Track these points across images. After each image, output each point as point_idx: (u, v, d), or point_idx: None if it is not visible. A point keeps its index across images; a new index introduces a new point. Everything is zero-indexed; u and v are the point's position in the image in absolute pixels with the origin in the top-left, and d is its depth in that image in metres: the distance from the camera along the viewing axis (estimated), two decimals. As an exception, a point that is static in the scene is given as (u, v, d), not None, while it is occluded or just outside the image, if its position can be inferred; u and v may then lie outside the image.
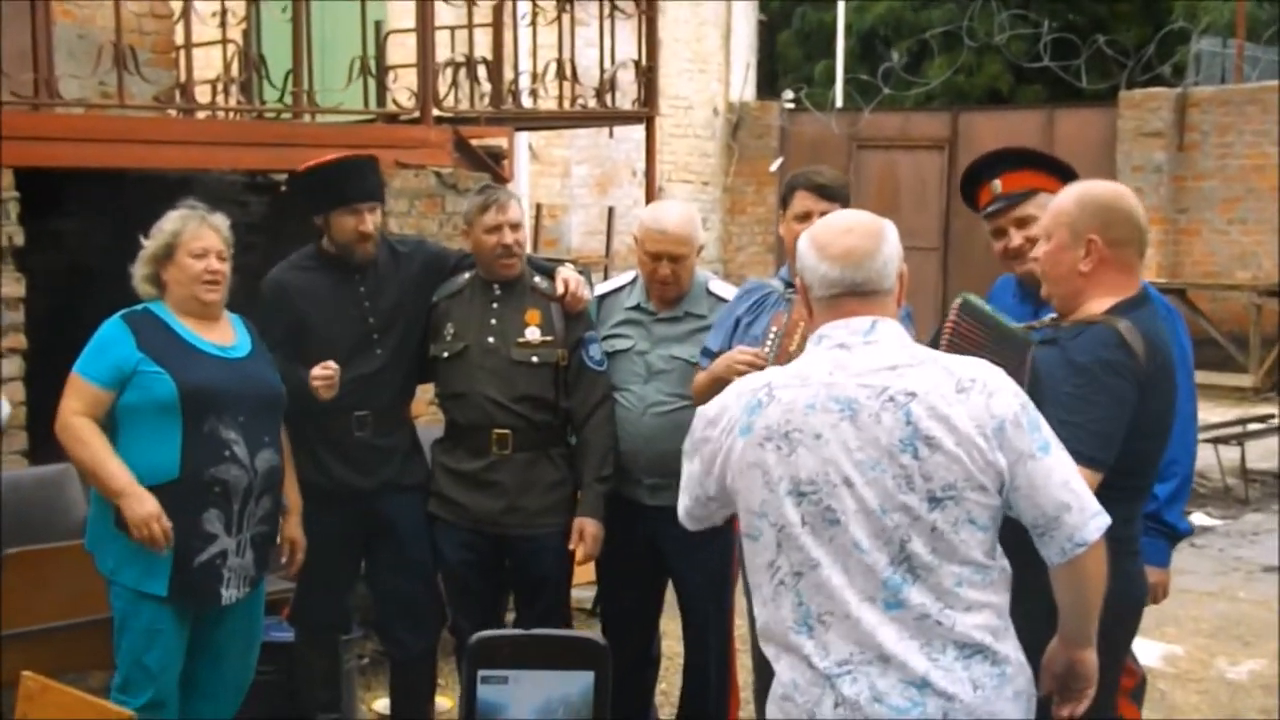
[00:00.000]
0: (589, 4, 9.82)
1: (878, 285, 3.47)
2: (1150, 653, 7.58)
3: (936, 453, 3.28)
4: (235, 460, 5.03)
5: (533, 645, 0.91)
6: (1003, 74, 25.15)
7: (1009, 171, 4.98)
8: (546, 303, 5.65)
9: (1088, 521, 3.37)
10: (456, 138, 8.13)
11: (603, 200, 18.18)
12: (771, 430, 3.39)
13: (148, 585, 5.01)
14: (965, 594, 3.32)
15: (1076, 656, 3.62)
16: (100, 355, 5.01)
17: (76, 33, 8.89)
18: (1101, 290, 4.06)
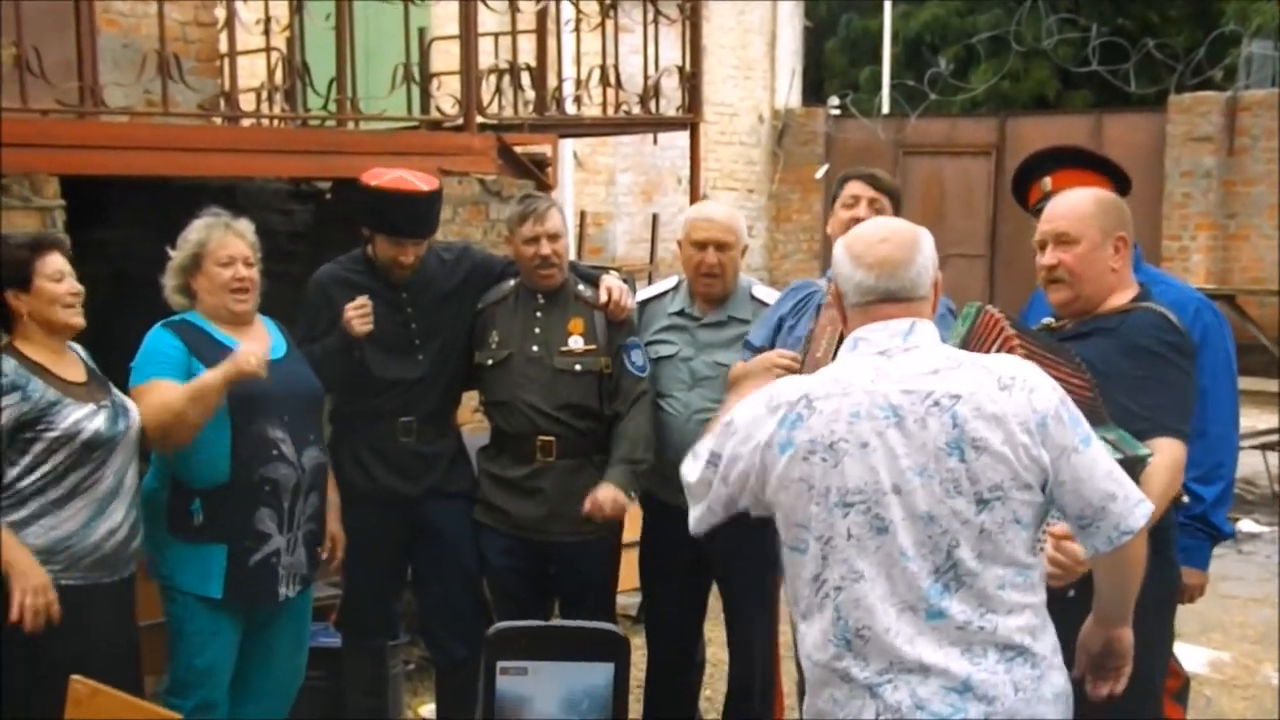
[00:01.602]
0: (633, 10, 9.82)
1: (912, 293, 3.49)
2: (1196, 658, 7.59)
3: (983, 454, 3.30)
4: (284, 459, 5.10)
5: (551, 636, 0.91)
6: (1050, 79, 25.05)
7: (1061, 170, 5.06)
8: (590, 311, 5.68)
9: (1133, 509, 3.41)
10: (500, 145, 8.14)
11: (647, 208, 18.19)
12: (815, 443, 3.38)
13: (204, 588, 5.08)
14: (1008, 596, 3.34)
15: (1114, 634, 3.68)
16: (158, 357, 5.06)
17: (121, 41, 8.93)
18: (1123, 284, 4.27)
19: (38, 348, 4.75)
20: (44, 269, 4.74)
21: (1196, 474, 4.91)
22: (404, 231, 5.61)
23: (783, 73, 20.61)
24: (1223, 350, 5.08)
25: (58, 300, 4.75)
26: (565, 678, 0.92)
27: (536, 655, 0.93)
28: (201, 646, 5.12)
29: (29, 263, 4.74)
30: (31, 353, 4.73)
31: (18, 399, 4.63)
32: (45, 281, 4.74)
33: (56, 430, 4.66)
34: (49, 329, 4.77)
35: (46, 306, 4.75)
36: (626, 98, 9.62)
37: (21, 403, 4.63)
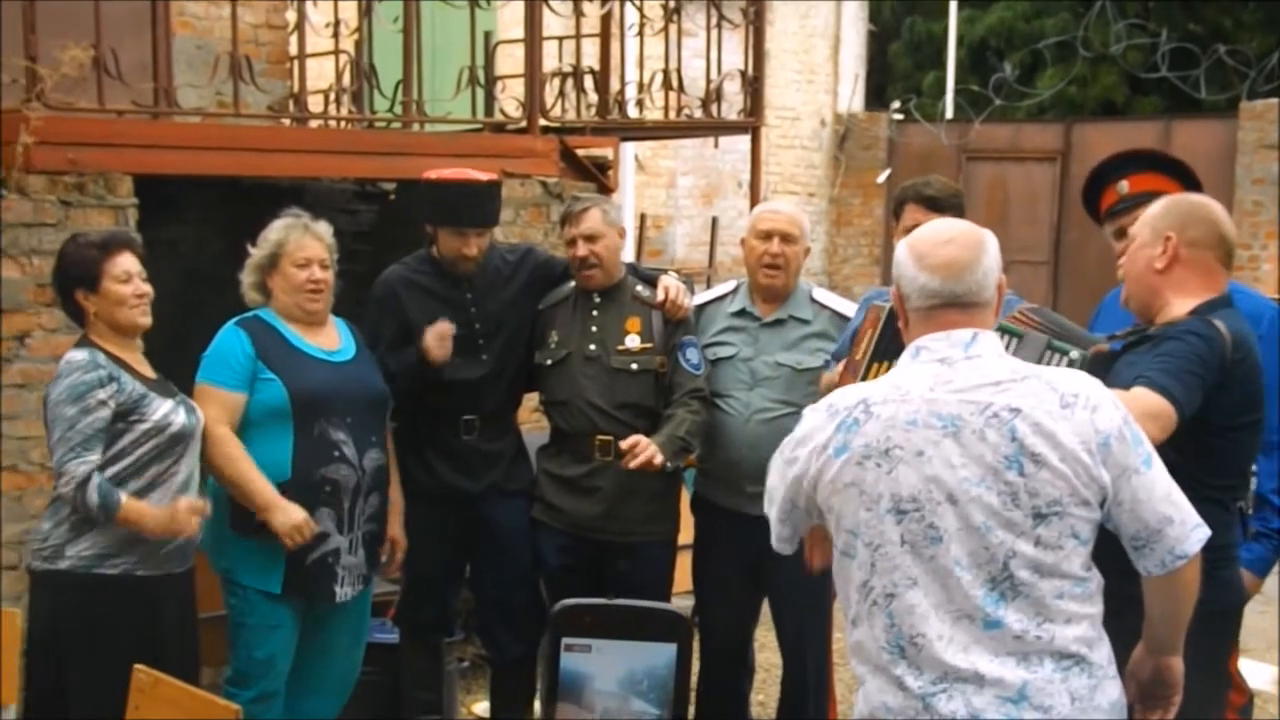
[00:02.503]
0: (696, 14, 9.85)
1: (977, 297, 3.46)
2: (1261, 675, 7.52)
3: (1042, 469, 3.28)
4: (345, 460, 5.19)
5: (616, 615, 0.96)
6: (1118, 85, 24.83)
7: (1137, 173, 4.99)
8: (647, 310, 5.73)
9: (1189, 534, 3.39)
10: (562, 147, 8.17)
11: (708, 211, 18.19)
12: (870, 448, 3.38)
13: (264, 583, 5.18)
14: (1065, 606, 3.33)
15: (1164, 664, 3.64)
16: (224, 361, 5.18)
17: (195, 44, 9.02)
18: (1181, 292, 4.13)
19: (110, 344, 4.86)
20: (112, 269, 4.84)
21: (1276, 484, 4.95)
22: (466, 221, 5.70)
23: (846, 77, 20.56)
24: None
25: (124, 301, 4.85)
26: (627, 656, 0.97)
27: (601, 634, 0.99)
28: (261, 639, 5.23)
29: (98, 263, 4.84)
30: (109, 347, 4.85)
31: (115, 389, 4.73)
32: (112, 283, 4.83)
33: (148, 422, 4.78)
34: (115, 328, 4.87)
35: (113, 307, 4.84)
36: (688, 101, 9.63)
37: (119, 393, 4.74)
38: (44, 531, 4.87)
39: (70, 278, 4.88)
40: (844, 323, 5.64)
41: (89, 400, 4.71)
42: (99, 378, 4.73)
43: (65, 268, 4.90)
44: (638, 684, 1.04)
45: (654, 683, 1.04)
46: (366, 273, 6.20)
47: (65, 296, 4.93)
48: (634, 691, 1.04)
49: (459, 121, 8.66)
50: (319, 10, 8.99)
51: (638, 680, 1.05)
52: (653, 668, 1.04)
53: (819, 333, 5.73)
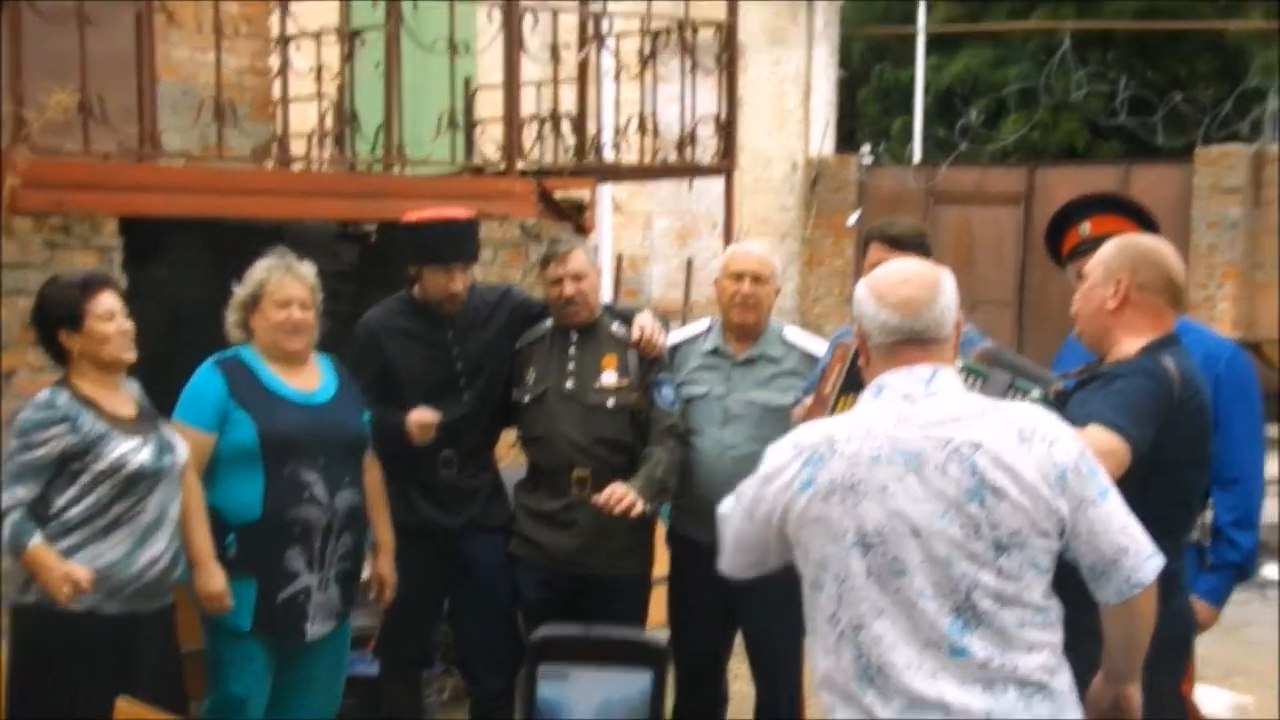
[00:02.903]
0: (671, 60, 9.89)
1: (936, 333, 3.48)
2: (1220, 702, 7.57)
3: (1003, 501, 3.29)
4: (314, 501, 5.14)
5: (592, 643, 0.96)
6: (1079, 130, 25.01)
7: (1098, 215, 5.04)
8: (624, 348, 5.72)
9: (1144, 563, 3.40)
10: (540, 190, 8.19)
11: (683, 252, 18.23)
12: (835, 483, 3.38)
13: (234, 620, 5.13)
14: (1027, 635, 3.33)
15: (1122, 692, 3.67)
16: (198, 401, 5.15)
17: (180, 88, 9.02)
18: (1131, 332, 4.15)
19: (90, 383, 4.82)
20: (95, 308, 4.80)
21: (1233, 518, 4.99)
22: (449, 257, 5.69)
23: (817, 122, 20.63)
24: (1255, 401, 5.10)
25: (108, 339, 4.80)
26: (603, 684, 0.96)
27: (577, 660, 0.98)
28: (236, 674, 5.20)
29: (80, 302, 4.79)
30: (85, 387, 4.80)
31: (66, 429, 4.69)
32: (96, 321, 4.79)
33: (103, 463, 4.71)
34: (100, 366, 4.83)
35: (98, 345, 4.80)
36: (663, 145, 9.68)
37: (70, 434, 4.69)
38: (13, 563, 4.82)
39: (52, 318, 4.84)
40: (813, 362, 5.62)
41: (33, 437, 4.69)
42: (49, 417, 4.70)
43: (46, 308, 4.86)
44: (613, 711, 1.04)
45: (629, 709, 1.04)
46: (349, 312, 6.19)
47: (47, 337, 4.87)
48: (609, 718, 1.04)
49: (439, 164, 8.67)
50: (302, 55, 9.01)
51: (613, 707, 1.04)
52: (628, 695, 1.03)
53: (790, 371, 5.71)
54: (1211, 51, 25.25)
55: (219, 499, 5.14)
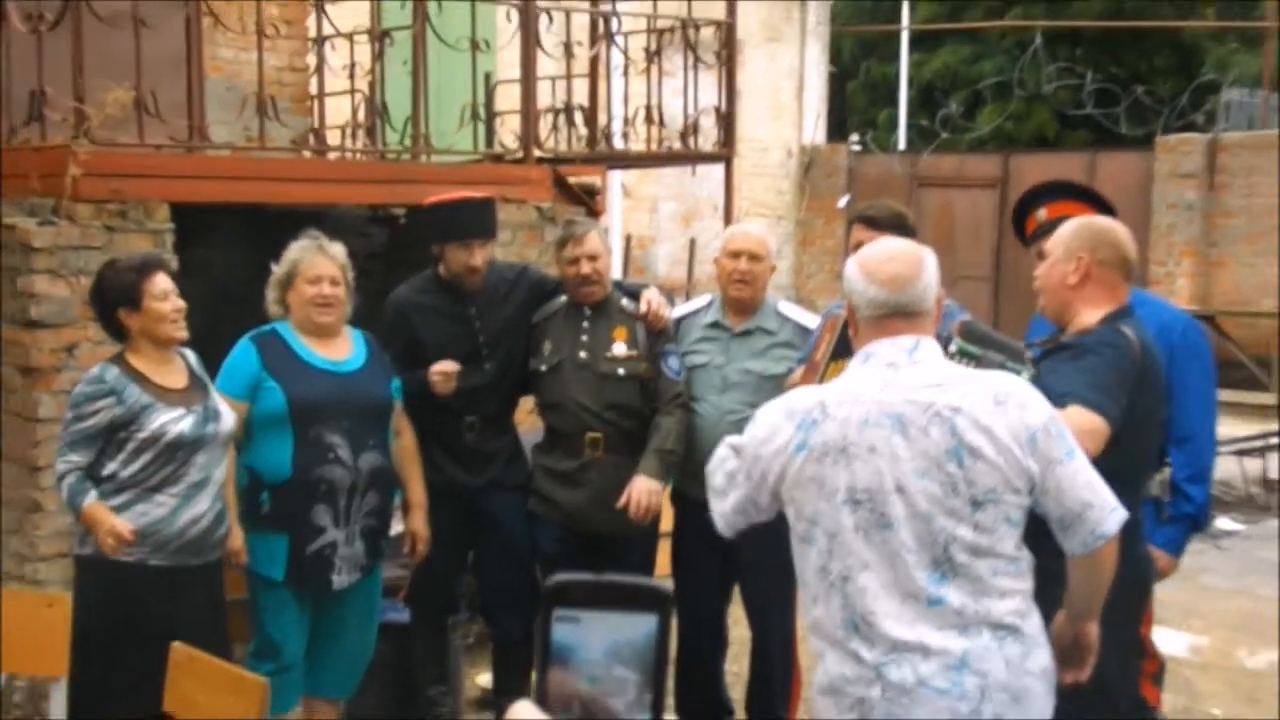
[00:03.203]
0: (675, 56, 9.85)
1: (919, 307, 3.49)
2: (1177, 643, 7.57)
3: (979, 461, 3.31)
4: (339, 462, 5.15)
5: (603, 589, 0.96)
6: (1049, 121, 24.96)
7: (1053, 201, 5.05)
8: (632, 321, 5.72)
9: (1108, 517, 3.43)
10: (555, 176, 8.17)
11: (687, 232, 18.22)
12: (829, 445, 3.40)
13: (269, 570, 5.17)
14: (1000, 583, 3.36)
15: (1083, 630, 3.69)
16: (233, 372, 5.17)
17: (225, 85, 9.01)
18: (1090, 305, 4.17)
19: (144, 358, 4.84)
20: (151, 289, 4.82)
21: (1186, 474, 5.01)
22: (471, 233, 5.70)
23: (809, 113, 20.59)
24: (1206, 365, 5.12)
25: (164, 317, 4.83)
26: (612, 628, 0.96)
27: (588, 605, 0.98)
28: (272, 621, 5.23)
29: (137, 284, 4.81)
30: (137, 362, 4.83)
31: (113, 402, 4.73)
32: (152, 301, 4.82)
33: (145, 432, 4.74)
34: (156, 342, 4.85)
35: (154, 323, 4.83)
36: (668, 134, 9.64)
37: (117, 406, 4.73)
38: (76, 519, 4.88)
39: (111, 299, 4.85)
40: (806, 334, 5.62)
41: (84, 409, 4.74)
42: (99, 390, 4.75)
43: (105, 290, 4.88)
44: (621, 653, 1.03)
45: (635, 651, 1.03)
46: (379, 289, 6.19)
47: (107, 316, 4.90)
48: (618, 659, 1.03)
49: (462, 153, 8.66)
50: (337, 54, 8.99)
51: (621, 649, 1.04)
52: (634, 638, 1.03)
53: (784, 342, 5.71)
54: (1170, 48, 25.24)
55: (255, 460, 5.18)
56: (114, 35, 6.56)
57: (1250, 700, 6.92)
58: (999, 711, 3.35)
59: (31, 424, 6.17)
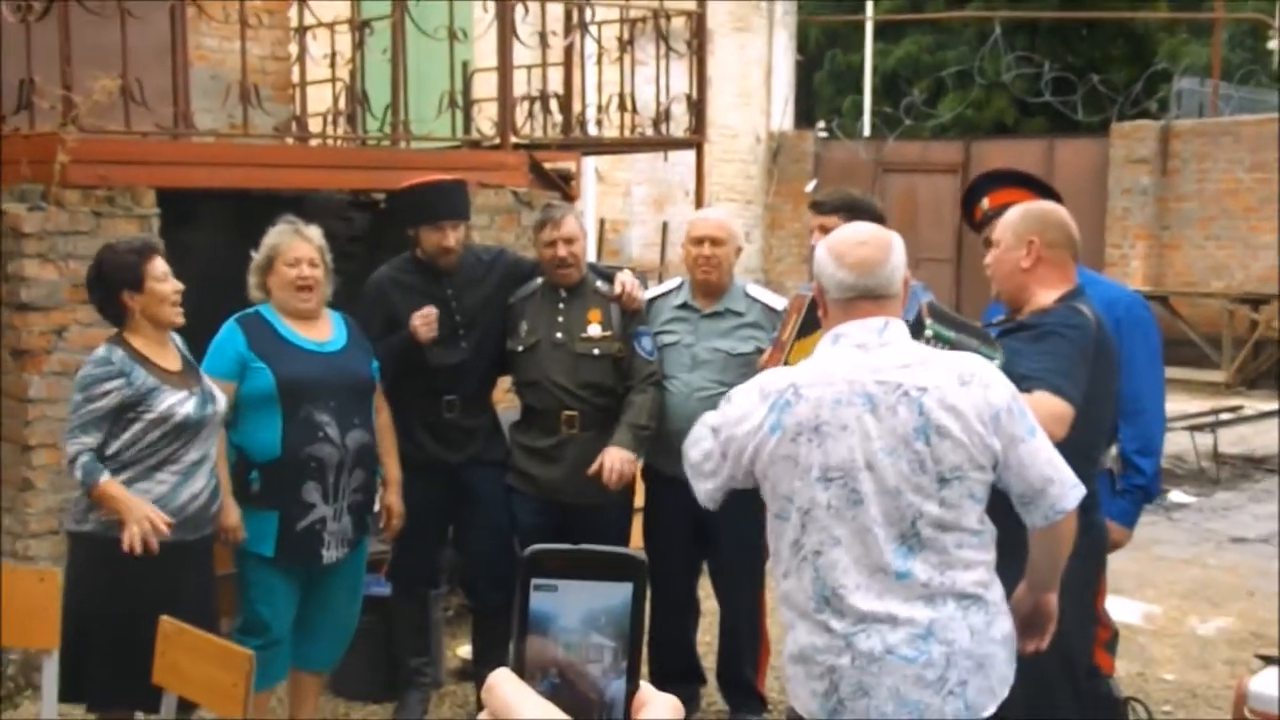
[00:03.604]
0: (647, 45, 9.83)
1: (887, 290, 3.50)
2: (1131, 611, 7.62)
3: (945, 439, 3.34)
4: (328, 440, 5.13)
5: (579, 558, 0.95)
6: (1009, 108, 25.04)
7: (995, 190, 5.08)
8: (607, 303, 5.71)
9: (1068, 492, 3.46)
10: (531, 161, 8.15)
11: (659, 216, 18.21)
12: (803, 425, 3.42)
13: (259, 547, 5.15)
14: (964, 554, 3.40)
15: (1042, 599, 3.72)
16: (220, 354, 5.14)
17: (209, 73, 8.96)
18: (1044, 286, 4.18)
19: (143, 340, 4.81)
20: (152, 271, 4.79)
21: (1136, 447, 5.03)
22: (443, 214, 5.68)
23: (777, 100, 20.59)
24: (1153, 340, 5.14)
25: (165, 299, 4.80)
26: (588, 596, 0.95)
27: (565, 575, 0.97)
28: (261, 596, 5.20)
29: (138, 266, 4.78)
30: (137, 344, 4.79)
31: (122, 383, 4.69)
32: (154, 282, 4.79)
33: (154, 413, 4.71)
34: (155, 324, 4.82)
35: (156, 305, 4.79)
36: (641, 121, 9.63)
37: (125, 387, 4.69)
38: (76, 497, 4.86)
39: (114, 281, 4.81)
40: (774, 314, 5.64)
41: (94, 390, 4.69)
42: (108, 372, 4.70)
43: (108, 272, 4.83)
44: (597, 620, 1.02)
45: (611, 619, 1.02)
46: (360, 272, 6.16)
47: (108, 298, 4.85)
48: (593, 627, 1.02)
49: (440, 139, 8.64)
50: (318, 43, 8.95)
51: (597, 617, 1.03)
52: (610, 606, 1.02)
53: (751, 323, 5.71)
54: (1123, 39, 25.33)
55: (244, 440, 5.15)
56: (101, 25, 6.53)
57: (1201, 666, 6.97)
58: (963, 678, 3.39)
59: (23, 404, 6.14)
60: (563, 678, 1.12)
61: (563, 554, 1.15)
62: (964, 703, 3.40)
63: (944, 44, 26.05)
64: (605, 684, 1.13)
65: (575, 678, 1.12)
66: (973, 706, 3.41)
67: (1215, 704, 6.37)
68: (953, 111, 22.81)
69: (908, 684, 3.38)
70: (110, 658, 4.71)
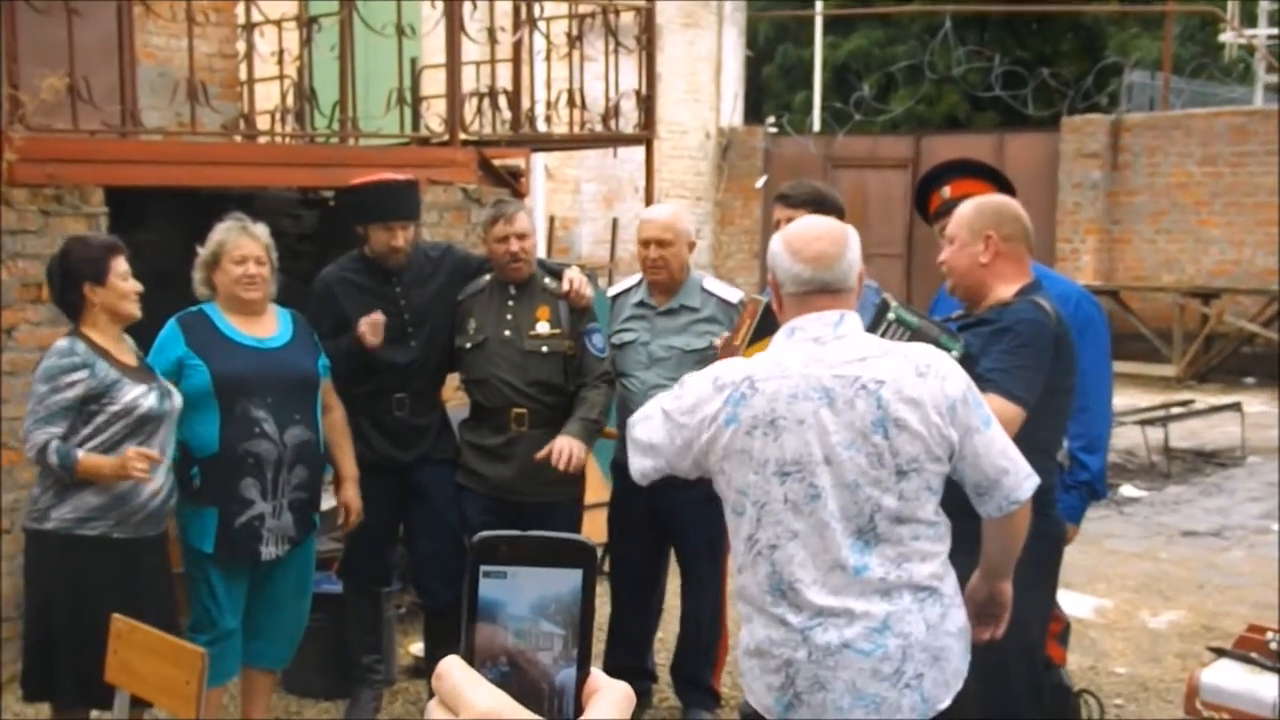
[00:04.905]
0: (596, 41, 9.86)
1: (843, 284, 3.52)
2: (1083, 605, 7.68)
3: (903, 432, 3.36)
4: (265, 436, 5.15)
5: (528, 545, 0.98)
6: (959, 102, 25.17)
7: (956, 179, 5.05)
8: (555, 300, 5.73)
9: (1022, 483, 3.49)
10: (480, 158, 8.16)
11: (609, 213, 18.24)
12: (758, 419, 3.42)
13: (200, 543, 5.17)
14: (920, 546, 3.43)
15: (997, 588, 3.75)
16: (158, 353, 5.16)
17: (157, 71, 8.94)
18: (1002, 280, 4.19)
19: (101, 334, 4.84)
20: (116, 268, 4.84)
21: (1081, 444, 5.02)
22: (393, 214, 5.70)
23: (727, 95, 20.65)
24: (1101, 337, 5.13)
25: (126, 295, 4.85)
26: (538, 582, 0.98)
27: (514, 562, 1.00)
28: (205, 592, 5.23)
29: (104, 261, 4.83)
30: (96, 338, 4.83)
31: (86, 375, 4.73)
32: (117, 279, 4.84)
33: (117, 405, 4.75)
34: (114, 318, 4.87)
35: (117, 300, 4.84)
36: (590, 117, 9.64)
37: (89, 379, 4.73)
38: (34, 496, 4.87)
39: (78, 273, 4.84)
40: (730, 308, 5.70)
41: (59, 381, 4.72)
42: (72, 363, 4.74)
43: (74, 264, 4.86)
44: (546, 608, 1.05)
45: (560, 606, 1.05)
46: (309, 270, 6.19)
47: (69, 289, 4.88)
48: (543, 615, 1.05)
49: (389, 136, 8.64)
50: (265, 41, 8.96)
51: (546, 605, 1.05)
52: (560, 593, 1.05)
53: (708, 317, 5.75)
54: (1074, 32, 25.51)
55: (186, 435, 5.15)
56: (47, 23, 6.51)
57: (1152, 659, 7.03)
58: (920, 670, 3.43)
59: (-27, 402, 6.13)
60: (512, 665, 1.11)
61: (512, 540, 1.15)
62: (920, 695, 3.44)
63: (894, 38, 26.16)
64: (555, 671, 1.12)
65: (525, 665, 1.11)
66: (929, 699, 3.45)
67: (1166, 697, 6.42)
68: (903, 106, 22.91)
69: (864, 677, 3.41)
70: (74, 656, 4.74)
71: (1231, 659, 4.94)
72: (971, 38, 23.32)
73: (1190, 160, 18.10)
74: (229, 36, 10.11)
